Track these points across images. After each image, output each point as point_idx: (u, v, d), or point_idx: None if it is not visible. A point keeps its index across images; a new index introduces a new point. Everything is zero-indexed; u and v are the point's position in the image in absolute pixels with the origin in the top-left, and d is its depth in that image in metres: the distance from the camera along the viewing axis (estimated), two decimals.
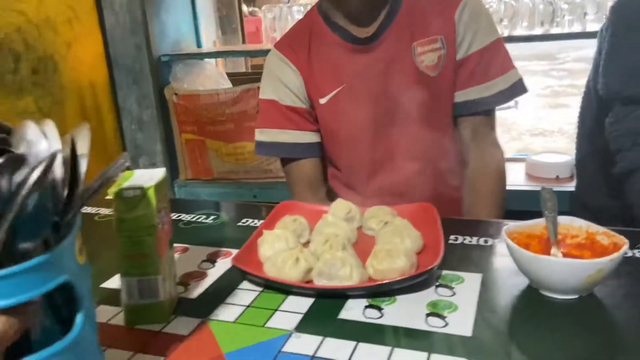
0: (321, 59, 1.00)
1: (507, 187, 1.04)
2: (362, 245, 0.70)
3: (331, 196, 1.08)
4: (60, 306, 0.37)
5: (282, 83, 1.01)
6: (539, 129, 4.63)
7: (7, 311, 0.30)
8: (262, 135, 1.04)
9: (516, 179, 1.58)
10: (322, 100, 1.00)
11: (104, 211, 0.92)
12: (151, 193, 0.52)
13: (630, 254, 0.65)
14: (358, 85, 0.98)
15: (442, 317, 0.54)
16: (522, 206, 1.47)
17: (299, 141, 1.01)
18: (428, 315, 0.54)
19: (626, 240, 0.56)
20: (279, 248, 0.65)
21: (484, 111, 0.98)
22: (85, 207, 0.94)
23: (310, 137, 1.02)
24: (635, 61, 0.87)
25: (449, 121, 0.99)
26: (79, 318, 0.36)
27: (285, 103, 1.01)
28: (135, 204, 0.52)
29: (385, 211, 0.75)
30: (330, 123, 1.02)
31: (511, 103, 1.03)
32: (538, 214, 1.40)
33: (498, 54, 0.97)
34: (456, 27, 0.95)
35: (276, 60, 1.03)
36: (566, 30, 1.45)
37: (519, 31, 1.50)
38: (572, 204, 1.17)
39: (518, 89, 0.97)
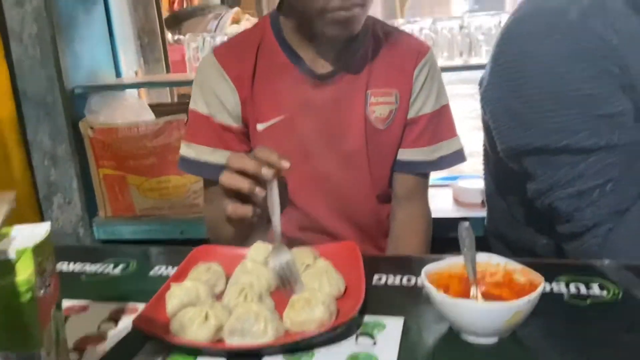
0: (266, 81, 0.92)
1: (435, 215, 1.05)
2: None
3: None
4: None
5: (217, 98, 0.92)
6: (467, 151, 4.82)
7: None
8: (190, 150, 0.94)
9: (443, 205, 1.60)
10: (260, 127, 0.93)
11: None
12: (28, 255, 0.46)
13: (548, 288, 0.65)
14: (301, 120, 0.92)
15: None
16: (450, 233, 1.50)
17: None
18: None
19: (542, 278, 0.55)
20: (188, 303, 0.59)
21: (422, 173, 0.99)
22: None
23: None
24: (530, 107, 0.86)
25: (387, 175, 0.99)
26: None
27: (218, 120, 0.92)
28: (10, 268, 0.46)
29: (307, 253, 0.72)
30: None
31: None
32: None
33: (445, 119, 0.98)
34: (413, 85, 0.94)
35: (213, 72, 0.93)
36: (483, 60, 1.50)
37: (441, 62, 1.54)
38: (485, 235, 1.17)
39: (458, 156, 1.00)
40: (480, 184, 1.64)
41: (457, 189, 1.64)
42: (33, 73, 1.59)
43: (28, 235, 0.49)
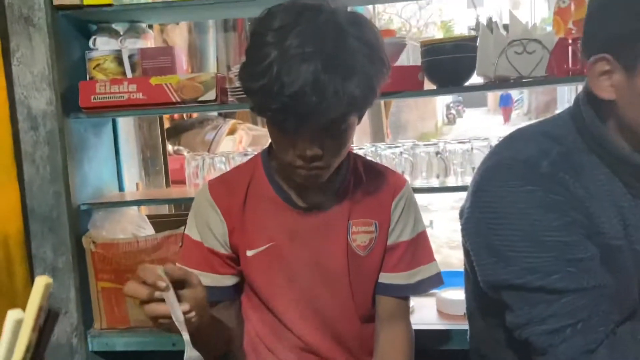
0: (255, 211, 1.04)
1: (418, 327, 1.13)
2: None
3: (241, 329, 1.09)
4: None
5: (208, 227, 1.04)
6: (455, 242, 4.91)
7: None
8: None
9: (427, 317, 1.65)
10: (250, 253, 1.04)
11: None
12: None
13: None
14: (288, 247, 1.03)
15: None
16: (433, 345, 1.54)
17: (216, 285, 1.04)
18: None
19: None
20: None
21: (403, 296, 1.08)
22: None
23: (227, 281, 1.05)
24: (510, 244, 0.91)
25: (370, 297, 1.08)
26: None
27: (208, 245, 1.04)
28: None
29: None
30: (253, 277, 1.05)
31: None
32: (449, 353, 1.46)
33: (423, 245, 1.09)
34: (391, 215, 1.06)
35: (206, 204, 1.06)
36: (460, 182, 1.64)
37: (419, 182, 1.67)
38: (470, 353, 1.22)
39: (436, 280, 1.10)
40: (462, 295, 1.70)
41: (440, 301, 1.69)
42: (42, 191, 1.71)
43: None
